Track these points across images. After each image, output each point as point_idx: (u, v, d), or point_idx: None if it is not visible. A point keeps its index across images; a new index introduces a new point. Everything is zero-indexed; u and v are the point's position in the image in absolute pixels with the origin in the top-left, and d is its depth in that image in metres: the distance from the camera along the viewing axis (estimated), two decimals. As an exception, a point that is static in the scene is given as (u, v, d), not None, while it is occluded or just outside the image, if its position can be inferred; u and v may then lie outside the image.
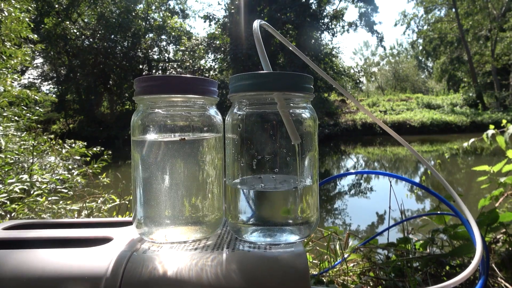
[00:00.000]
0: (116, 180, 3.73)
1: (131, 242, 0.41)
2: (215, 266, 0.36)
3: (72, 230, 0.47)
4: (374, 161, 9.68)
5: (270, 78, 0.38)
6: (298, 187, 0.39)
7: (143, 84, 0.40)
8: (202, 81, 0.41)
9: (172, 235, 0.41)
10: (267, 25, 0.57)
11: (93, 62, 15.35)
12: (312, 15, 15.78)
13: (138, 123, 0.41)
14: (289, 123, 0.37)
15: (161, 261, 0.37)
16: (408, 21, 24.79)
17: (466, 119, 14.17)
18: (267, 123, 0.39)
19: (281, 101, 0.37)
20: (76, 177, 2.42)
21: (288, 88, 0.38)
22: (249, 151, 0.39)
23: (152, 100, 0.40)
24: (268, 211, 0.40)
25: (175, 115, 0.41)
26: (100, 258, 0.37)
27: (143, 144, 0.41)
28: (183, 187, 0.42)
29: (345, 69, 17.81)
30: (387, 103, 16.98)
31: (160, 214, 0.41)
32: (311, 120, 0.41)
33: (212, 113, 0.44)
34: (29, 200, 1.98)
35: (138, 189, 0.42)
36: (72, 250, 0.40)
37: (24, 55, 3.35)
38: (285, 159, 0.39)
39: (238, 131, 0.40)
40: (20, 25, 3.18)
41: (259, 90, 0.38)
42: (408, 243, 1.11)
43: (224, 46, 15.55)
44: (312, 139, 0.40)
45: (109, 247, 0.40)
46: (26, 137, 2.94)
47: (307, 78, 0.40)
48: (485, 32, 18.51)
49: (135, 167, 0.42)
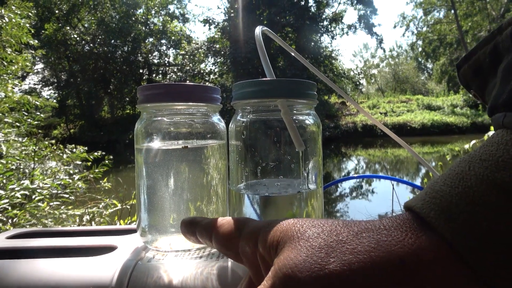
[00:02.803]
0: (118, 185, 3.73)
1: (136, 250, 0.41)
2: (220, 275, 0.36)
3: (76, 239, 0.47)
4: (375, 163, 9.68)
5: (273, 85, 0.38)
6: (302, 191, 0.39)
7: (146, 92, 0.40)
8: (205, 88, 0.41)
9: (177, 243, 0.41)
10: (269, 31, 0.57)
11: (94, 67, 15.42)
12: (312, 18, 15.85)
13: (142, 131, 0.41)
14: (293, 129, 0.37)
15: (166, 270, 0.36)
16: (407, 23, 24.90)
17: (467, 120, 14.18)
18: (271, 130, 0.39)
19: (285, 108, 0.37)
20: (77, 182, 2.42)
21: (292, 94, 0.38)
22: (253, 158, 0.39)
23: (155, 108, 0.40)
24: (274, 217, 0.40)
25: (179, 123, 0.41)
26: (105, 268, 0.37)
27: (147, 152, 0.41)
28: (187, 194, 0.41)
29: (345, 71, 17.86)
30: (388, 105, 16.99)
31: (164, 222, 0.41)
32: (314, 126, 0.40)
33: (215, 120, 0.43)
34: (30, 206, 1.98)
35: (142, 197, 0.42)
36: (76, 259, 0.39)
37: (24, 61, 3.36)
38: (290, 166, 0.39)
39: (241, 138, 0.40)
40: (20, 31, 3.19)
41: (263, 97, 0.38)
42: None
43: (224, 50, 15.60)
44: (316, 145, 0.40)
45: (113, 256, 0.40)
46: (27, 142, 2.95)
47: (311, 85, 0.40)
48: (484, 33, 18.54)
49: (139, 174, 0.42)
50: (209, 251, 0.41)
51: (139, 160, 0.42)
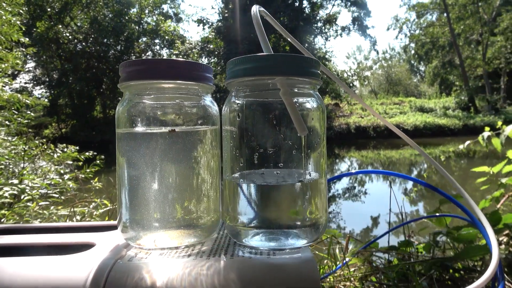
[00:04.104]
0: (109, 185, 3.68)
1: (116, 248, 0.36)
2: (211, 275, 0.31)
3: (52, 236, 0.42)
4: (367, 164, 9.68)
5: (272, 61, 0.33)
6: (304, 181, 0.34)
7: (129, 69, 0.35)
8: (196, 65, 0.36)
9: (162, 240, 0.36)
10: (265, 12, 0.53)
11: (86, 66, 15.27)
12: (306, 19, 15.89)
13: (124, 114, 0.36)
14: (294, 111, 0.32)
15: (149, 270, 0.32)
16: (400, 26, 25.07)
17: (459, 122, 14.29)
18: (270, 113, 0.34)
19: (285, 87, 0.33)
20: (67, 181, 2.37)
21: (293, 72, 0.34)
22: (250, 145, 0.34)
23: (139, 87, 0.36)
24: (272, 211, 0.36)
25: (166, 104, 0.37)
26: (79, 267, 0.33)
27: (129, 138, 0.36)
28: (175, 186, 0.37)
29: (338, 73, 17.90)
30: (380, 107, 17.06)
31: (148, 216, 0.36)
32: (318, 109, 0.36)
33: (207, 102, 0.39)
34: (19, 206, 1.93)
35: (124, 189, 0.37)
36: (48, 258, 0.35)
37: (15, 59, 3.29)
38: (290, 153, 0.34)
39: (236, 122, 0.35)
40: (11, 28, 3.13)
41: (260, 74, 0.33)
42: (411, 246, 1.08)
43: (218, 50, 15.55)
44: (320, 131, 0.36)
45: (90, 254, 0.35)
46: (17, 141, 2.89)
47: (314, 62, 0.35)
48: (476, 36, 18.73)
49: (120, 163, 0.37)
50: (199, 249, 0.36)
51: (120, 147, 0.37)
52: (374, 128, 13.78)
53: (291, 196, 0.34)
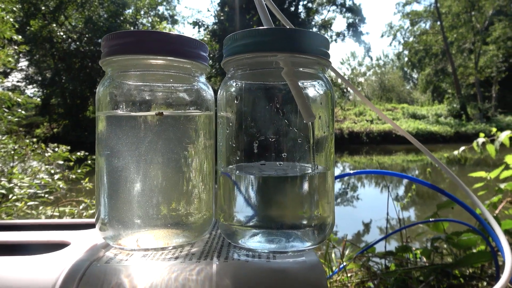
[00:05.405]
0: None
1: (92, 248, 0.31)
2: (201, 281, 0.27)
3: (23, 233, 0.37)
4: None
5: (273, 36, 0.29)
6: (312, 174, 0.30)
7: (112, 42, 0.31)
8: (189, 41, 0.32)
9: (146, 240, 0.32)
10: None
11: (80, 66, 15.15)
12: (301, 24, 15.99)
13: (105, 95, 0.32)
14: (300, 95, 0.28)
15: (129, 274, 0.27)
16: (394, 33, 25.33)
17: (451, 129, 14.44)
18: (272, 96, 0.30)
19: (288, 66, 0.29)
20: (57, 181, 2.33)
21: (298, 49, 0.29)
22: (249, 132, 0.30)
23: (123, 63, 0.31)
24: (273, 208, 0.31)
25: (154, 85, 0.32)
26: (49, 269, 0.28)
27: (110, 121, 0.32)
28: (161, 178, 0.32)
29: (332, 79, 17.96)
30: (374, 113, 17.15)
31: (130, 213, 0.32)
32: (327, 94, 0.32)
33: (201, 84, 0.34)
34: (6, 205, 1.88)
35: (102, 181, 0.32)
36: (14, 258, 0.30)
37: (7, 56, 3.23)
38: (295, 142, 0.30)
39: (234, 106, 0.31)
40: (3, 25, 3.08)
41: (260, 50, 0.29)
42: (409, 251, 1.05)
43: (213, 53, 15.52)
44: (328, 118, 0.32)
45: (62, 255, 0.30)
46: (7, 140, 2.84)
47: (322, 39, 0.31)
48: (469, 45, 18.96)
49: (99, 152, 0.32)
50: (188, 251, 0.32)
51: (100, 132, 0.32)
52: (367, 133, 13.86)
53: (295, 191, 0.30)
